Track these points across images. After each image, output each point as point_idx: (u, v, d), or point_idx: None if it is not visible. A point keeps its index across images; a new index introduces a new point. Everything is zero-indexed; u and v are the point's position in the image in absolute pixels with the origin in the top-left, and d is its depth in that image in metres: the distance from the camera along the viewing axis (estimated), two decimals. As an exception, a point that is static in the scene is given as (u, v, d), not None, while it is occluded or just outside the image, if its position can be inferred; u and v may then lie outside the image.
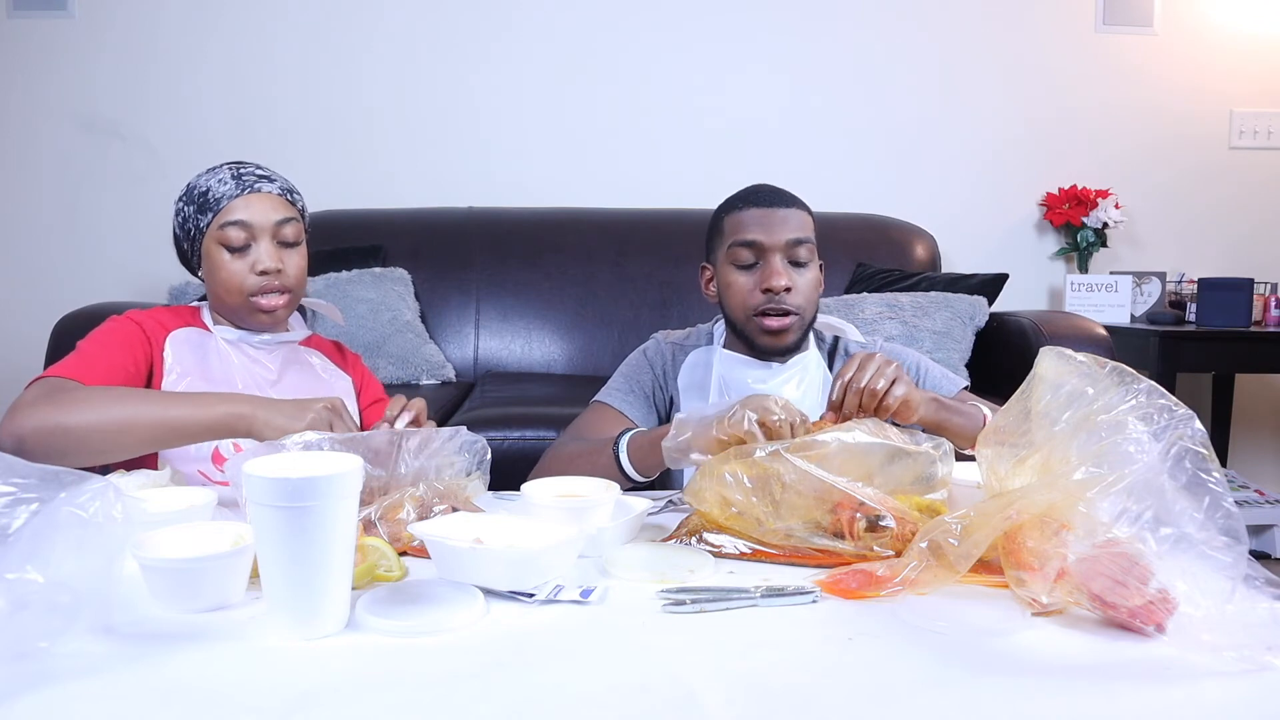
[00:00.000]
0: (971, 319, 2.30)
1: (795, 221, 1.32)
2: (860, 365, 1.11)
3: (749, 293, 1.32)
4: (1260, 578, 0.69)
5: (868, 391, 1.09)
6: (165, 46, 2.88)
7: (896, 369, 1.12)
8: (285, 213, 1.29)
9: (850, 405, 1.09)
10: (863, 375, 1.10)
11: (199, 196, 1.27)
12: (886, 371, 1.11)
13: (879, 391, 1.09)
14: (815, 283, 1.35)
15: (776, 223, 1.31)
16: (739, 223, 1.33)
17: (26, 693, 0.60)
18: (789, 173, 3.01)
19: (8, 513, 0.67)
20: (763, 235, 1.31)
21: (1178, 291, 2.91)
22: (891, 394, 1.10)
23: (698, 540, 0.93)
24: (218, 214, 1.26)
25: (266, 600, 0.72)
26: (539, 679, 0.64)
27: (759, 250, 1.31)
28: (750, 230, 1.32)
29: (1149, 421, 0.73)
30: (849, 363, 1.12)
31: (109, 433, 1.07)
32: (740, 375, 1.36)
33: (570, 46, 2.96)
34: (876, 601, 0.78)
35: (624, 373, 1.44)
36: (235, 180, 1.27)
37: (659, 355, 1.44)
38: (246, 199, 1.26)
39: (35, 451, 1.03)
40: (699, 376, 1.40)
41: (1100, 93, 3.05)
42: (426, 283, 2.63)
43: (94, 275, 2.86)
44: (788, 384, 1.35)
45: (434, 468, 1.03)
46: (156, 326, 1.28)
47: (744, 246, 1.32)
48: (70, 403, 1.07)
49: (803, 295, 1.32)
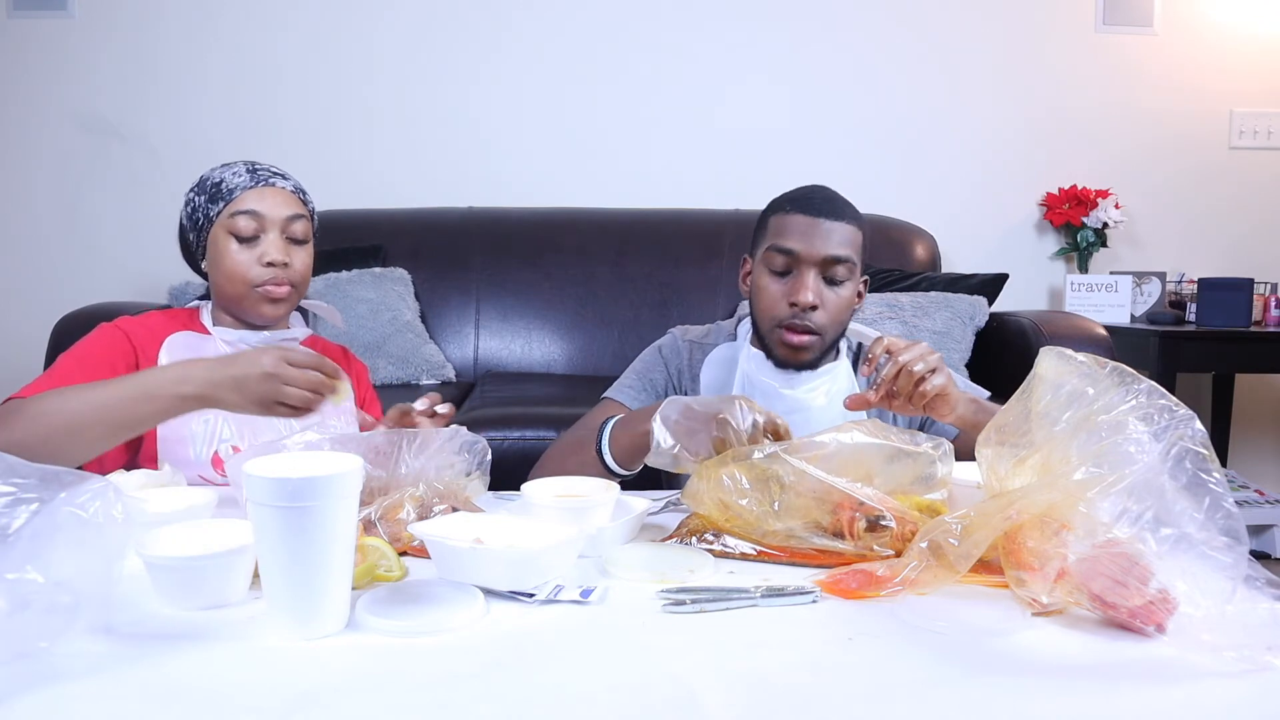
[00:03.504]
0: (971, 319, 2.30)
1: (839, 236, 1.25)
2: (906, 345, 1.09)
3: (776, 301, 1.27)
4: (1261, 578, 0.69)
5: (904, 371, 1.07)
6: (165, 46, 2.88)
7: (939, 359, 1.09)
8: (296, 209, 1.30)
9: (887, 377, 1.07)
10: (906, 352, 1.08)
11: (211, 187, 1.28)
12: (929, 358, 1.09)
13: (916, 374, 1.07)
14: (846, 303, 1.28)
15: (819, 235, 1.25)
16: (782, 226, 1.27)
17: (26, 693, 0.60)
18: (789, 172, 3.02)
19: (8, 513, 0.67)
20: (801, 245, 1.25)
21: (1178, 291, 2.91)
22: (931, 381, 1.07)
23: (698, 540, 0.93)
24: (230, 203, 1.26)
25: (266, 600, 0.72)
26: (539, 679, 0.64)
27: (794, 260, 1.26)
28: (790, 237, 1.26)
29: (1149, 422, 0.73)
30: (891, 339, 1.09)
31: (60, 438, 1.00)
32: (767, 377, 1.31)
33: (570, 46, 2.96)
34: (876, 601, 0.78)
35: (637, 369, 1.41)
36: (250, 174, 1.28)
37: (675, 353, 1.41)
38: (260, 191, 1.27)
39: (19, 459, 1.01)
40: (721, 375, 1.36)
41: (1100, 93, 3.05)
42: (426, 283, 2.63)
43: (94, 275, 2.86)
44: (814, 392, 1.31)
45: (434, 468, 1.03)
46: (146, 334, 1.26)
47: (780, 253, 1.26)
48: (17, 418, 1.02)
49: (829, 315, 1.27)
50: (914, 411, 1.13)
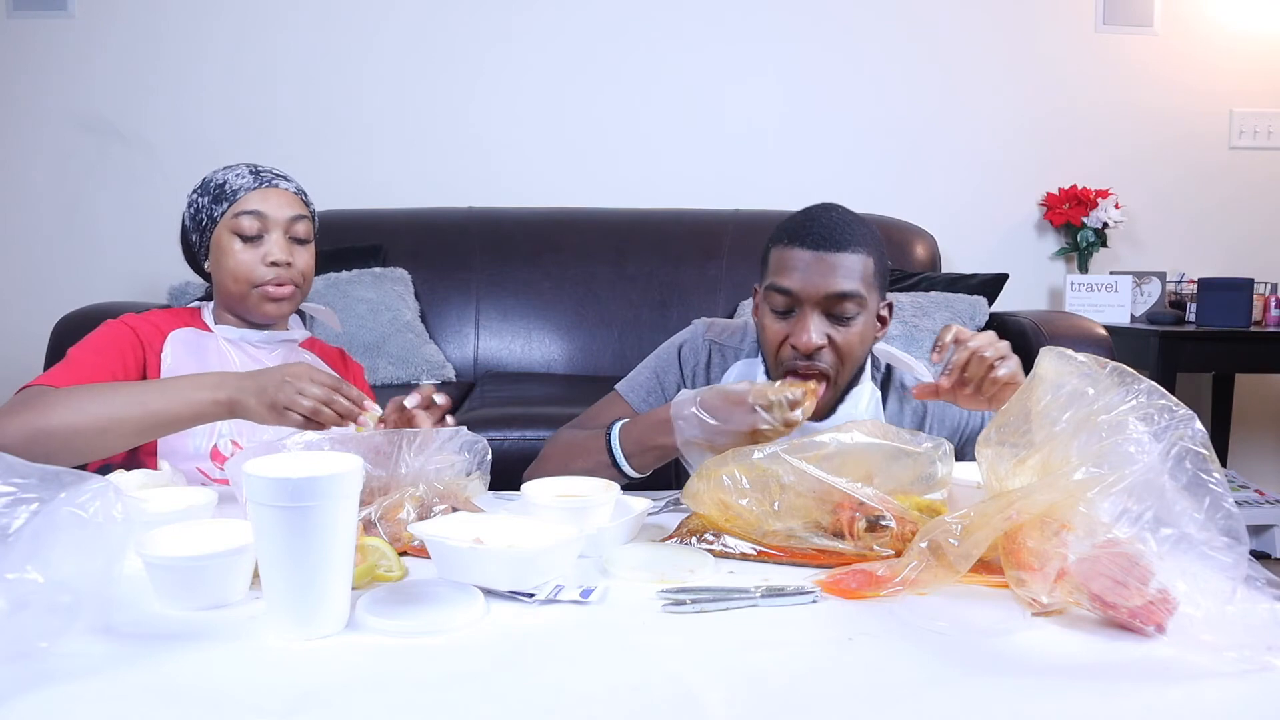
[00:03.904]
0: (971, 319, 2.30)
1: (845, 270, 1.14)
2: (974, 334, 1.09)
3: (779, 343, 1.18)
4: (1261, 578, 0.69)
5: (976, 357, 1.07)
6: (165, 46, 2.88)
7: (1008, 347, 1.10)
8: (299, 210, 1.31)
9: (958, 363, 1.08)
10: (976, 339, 1.08)
11: (215, 188, 1.29)
12: (999, 344, 1.09)
13: (988, 359, 1.07)
14: (859, 338, 1.17)
15: (821, 273, 1.13)
16: (781, 262, 1.16)
17: (26, 693, 0.60)
18: (789, 173, 3.03)
19: (8, 513, 0.67)
20: (800, 285, 1.14)
21: (1178, 291, 2.91)
22: (1001, 367, 1.07)
23: (698, 540, 0.93)
24: (234, 203, 1.28)
25: (266, 600, 0.72)
26: (539, 679, 0.64)
27: (794, 299, 1.15)
28: (788, 275, 1.15)
29: (1149, 422, 0.73)
30: (960, 328, 1.10)
31: (90, 432, 1.05)
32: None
33: (571, 46, 2.96)
34: (876, 601, 0.78)
35: (652, 366, 1.36)
36: (253, 175, 1.30)
37: (693, 354, 1.35)
38: (263, 192, 1.29)
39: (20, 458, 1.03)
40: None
41: (1100, 93, 3.05)
42: (426, 283, 2.63)
43: (94, 275, 2.85)
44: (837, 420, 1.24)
45: (434, 468, 1.03)
46: (152, 330, 1.28)
47: (779, 292, 1.16)
48: (49, 406, 1.06)
49: (840, 354, 1.16)
50: (982, 404, 1.10)
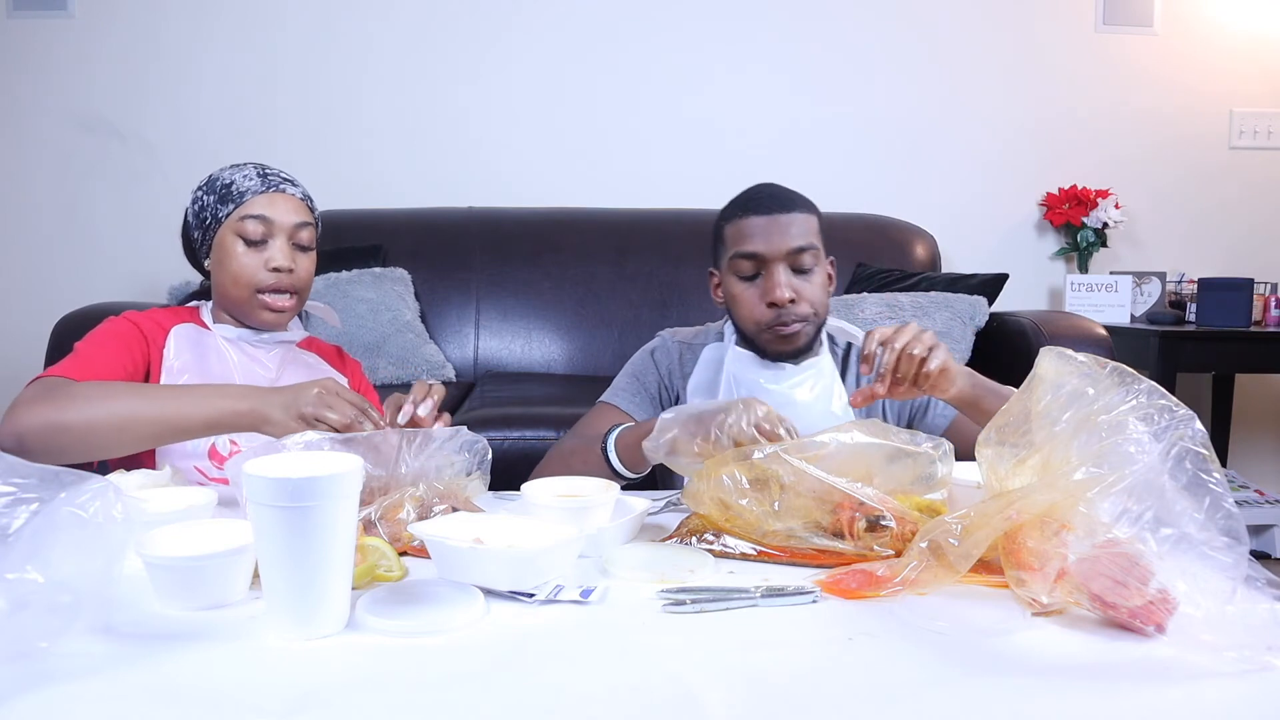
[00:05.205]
0: (971, 319, 2.30)
1: (797, 227, 1.28)
2: (896, 331, 1.09)
3: (754, 305, 1.29)
4: (1261, 578, 0.69)
5: (906, 356, 1.08)
6: (165, 46, 2.88)
7: (933, 337, 1.10)
8: (304, 216, 1.31)
9: (889, 365, 1.08)
10: (900, 337, 1.08)
11: (222, 188, 1.29)
12: (924, 338, 1.09)
13: (917, 357, 1.08)
14: (823, 286, 1.31)
15: (777, 231, 1.27)
16: (739, 232, 1.29)
17: (26, 693, 0.60)
18: (789, 173, 3.01)
19: (8, 513, 0.67)
20: (763, 246, 1.27)
21: (1178, 291, 2.91)
22: (931, 360, 1.08)
23: (698, 540, 0.93)
24: (240, 206, 1.27)
25: (266, 600, 0.72)
26: (539, 679, 0.64)
27: (760, 261, 1.28)
28: (750, 241, 1.28)
29: (1149, 422, 0.73)
30: (881, 329, 1.10)
31: (109, 430, 1.07)
32: (752, 375, 1.33)
33: (571, 47, 2.96)
34: (876, 601, 0.78)
35: (629, 372, 1.43)
36: (261, 178, 1.29)
37: (665, 354, 1.42)
38: (270, 196, 1.28)
39: (35, 450, 1.03)
40: (709, 375, 1.37)
41: (1100, 93, 3.05)
42: (426, 283, 2.63)
43: (94, 275, 2.86)
44: (800, 387, 1.32)
45: (434, 468, 1.03)
46: (154, 325, 1.28)
47: (745, 258, 1.28)
48: (69, 400, 1.07)
49: (810, 302, 1.29)
50: (918, 394, 1.13)
